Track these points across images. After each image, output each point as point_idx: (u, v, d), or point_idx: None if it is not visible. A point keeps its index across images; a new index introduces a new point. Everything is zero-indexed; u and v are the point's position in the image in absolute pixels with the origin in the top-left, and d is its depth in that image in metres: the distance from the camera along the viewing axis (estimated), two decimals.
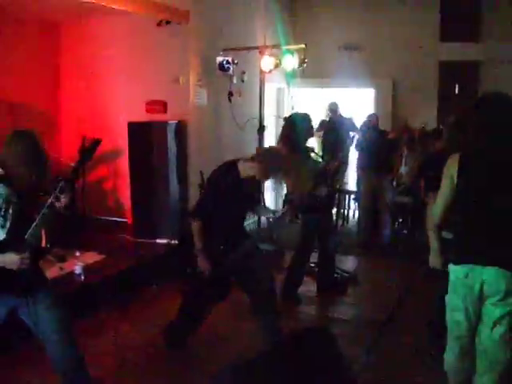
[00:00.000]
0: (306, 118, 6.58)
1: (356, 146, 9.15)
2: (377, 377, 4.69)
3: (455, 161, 3.62)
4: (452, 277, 3.66)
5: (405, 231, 9.31)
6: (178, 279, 5.93)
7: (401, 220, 9.37)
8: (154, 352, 5.18)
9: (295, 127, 6.42)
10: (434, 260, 4.28)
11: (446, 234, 4.14)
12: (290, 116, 7.00)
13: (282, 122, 9.94)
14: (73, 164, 6.53)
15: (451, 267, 3.67)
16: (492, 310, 3.47)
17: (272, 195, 10.64)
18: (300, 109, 9.70)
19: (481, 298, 3.51)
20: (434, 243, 4.25)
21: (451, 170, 3.64)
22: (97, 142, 3.84)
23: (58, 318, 3.78)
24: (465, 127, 4.41)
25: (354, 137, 8.95)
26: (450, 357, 3.79)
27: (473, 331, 3.62)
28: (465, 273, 3.52)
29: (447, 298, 3.76)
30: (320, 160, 6.72)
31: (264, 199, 8.60)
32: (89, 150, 3.72)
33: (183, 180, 7.95)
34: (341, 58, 11.13)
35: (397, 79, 11.00)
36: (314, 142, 10.80)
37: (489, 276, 3.43)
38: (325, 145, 10.58)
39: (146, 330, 5.64)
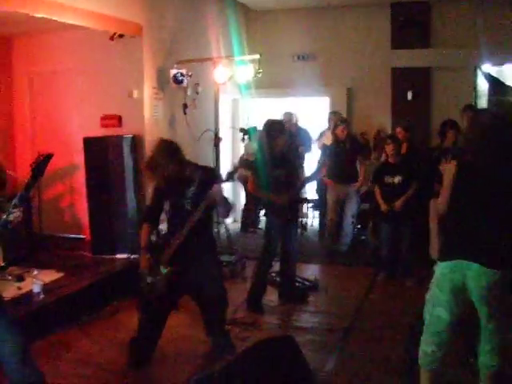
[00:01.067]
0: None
1: (320, 157, 9.17)
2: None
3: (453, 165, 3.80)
4: (437, 272, 3.78)
5: (363, 237, 9.38)
6: (135, 295, 5.88)
7: (359, 226, 9.43)
8: (116, 369, 5.10)
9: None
10: (433, 251, 4.38)
11: None
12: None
13: (237, 134, 10.04)
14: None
15: (438, 264, 3.77)
16: (480, 308, 3.64)
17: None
18: (255, 120, 9.76)
19: (464, 293, 3.63)
20: (434, 235, 4.34)
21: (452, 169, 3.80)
22: (48, 157, 3.78)
23: (15, 339, 3.72)
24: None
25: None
26: (426, 349, 3.85)
27: (453, 325, 3.74)
28: (450, 268, 3.62)
29: (430, 293, 3.84)
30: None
31: None
32: (40, 164, 3.67)
33: (140, 194, 7.89)
34: (295, 67, 11.21)
35: (351, 87, 11.11)
36: None
37: (473, 272, 3.53)
38: None
39: (107, 348, 5.55)
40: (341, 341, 5.47)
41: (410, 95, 10.57)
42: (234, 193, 10.84)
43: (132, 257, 7.47)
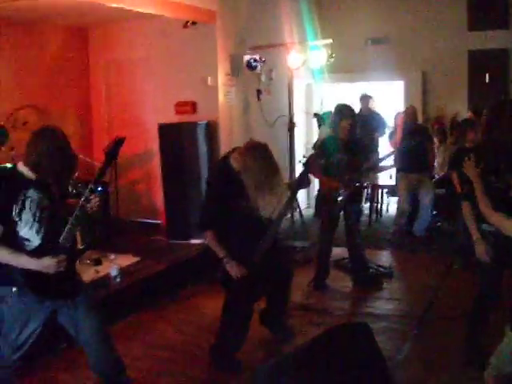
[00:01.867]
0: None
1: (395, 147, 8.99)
2: (413, 372, 4.65)
3: None
4: None
5: (439, 223, 9.20)
6: (211, 280, 5.94)
7: (435, 212, 9.26)
8: (194, 351, 5.18)
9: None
10: (479, 250, 4.26)
11: (487, 227, 4.11)
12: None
13: (311, 119, 9.99)
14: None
15: None
16: None
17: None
18: (329, 105, 9.68)
19: None
20: (476, 234, 4.23)
21: None
22: (120, 141, 3.81)
23: (96, 321, 3.82)
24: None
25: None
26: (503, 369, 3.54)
27: None
28: None
29: None
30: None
31: None
32: (112, 149, 3.71)
33: None
34: (368, 51, 11.04)
35: (426, 70, 10.88)
36: None
37: None
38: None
39: (182, 331, 5.66)
40: (415, 329, 5.39)
41: (487, 78, 10.27)
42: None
43: (206, 242, 7.55)
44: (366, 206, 10.36)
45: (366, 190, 9.81)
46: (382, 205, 10.60)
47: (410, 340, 5.10)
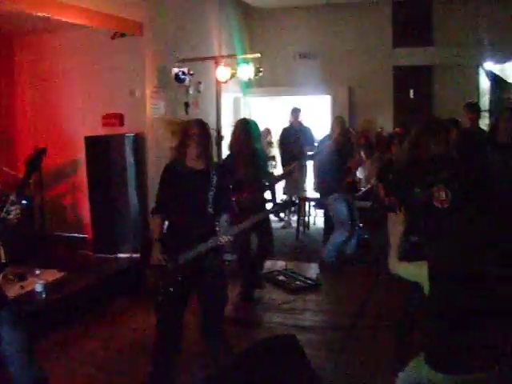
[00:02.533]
0: (254, 123, 6.83)
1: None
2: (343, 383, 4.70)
3: None
4: None
5: (366, 236, 9.34)
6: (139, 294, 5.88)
7: (361, 225, 9.41)
8: (121, 368, 5.09)
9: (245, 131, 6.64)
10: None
11: (414, 238, 4.21)
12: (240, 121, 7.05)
13: None
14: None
15: None
16: None
17: None
18: (257, 118, 9.74)
19: None
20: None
21: None
22: (41, 151, 3.74)
23: (20, 338, 3.71)
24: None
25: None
26: None
27: None
28: None
29: None
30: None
31: None
32: (33, 159, 3.64)
33: (143, 192, 7.89)
34: (297, 66, 11.19)
35: (352, 85, 11.10)
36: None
37: None
38: (283, 152, 10.70)
39: (111, 347, 5.56)
40: (343, 340, 5.46)
41: (411, 94, 10.56)
42: None
43: (134, 255, 7.47)
44: (294, 218, 10.46)
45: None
46: (309, 217, 10.72)
47: (339, 351, 5.15)
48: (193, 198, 4.71)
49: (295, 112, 10.67)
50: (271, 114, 12.61)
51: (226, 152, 9.14)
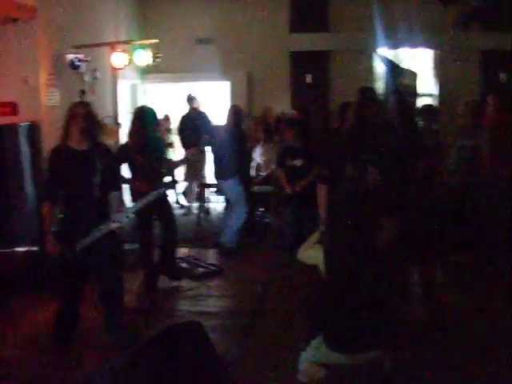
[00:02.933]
0: (151, 111, 6.70)
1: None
2: (250, 367, 4.74)
3: None
4: None
5: (267, 220, 9.45)
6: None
7: (263, 209, 9.51)
8: (22, 365, 4.95)
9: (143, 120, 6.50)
10: None
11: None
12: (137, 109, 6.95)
13: None
14: None
15: None
16: None
17: None
18: (156, 105, 9.64)
19: None
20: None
21: None
22: None
23: None
24: None
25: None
26: None
27: None
28: None
29: None
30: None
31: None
32: None
33: (40, 183, 7.66)
34: (195, 51, 11.13)
35: (251, 71, 11.15)
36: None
37: None
38: (183, 139, 10.65)
39: (11, 343, 5.38)
40: (248, 324, 5.52)
41: (308, 79, 10.71)
42: None
43: (32, 249, 7.25)
44: (195, 205, 10.45)
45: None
46: (208, 203, 10.73)
47: (244, 335, 5.21)
48: (77, 180, 4.70)
49: (190, 100, 10.63)
50: (171, 101, 12.51)
51: (123, 140, 9.06)
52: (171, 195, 10.22)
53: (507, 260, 6.90)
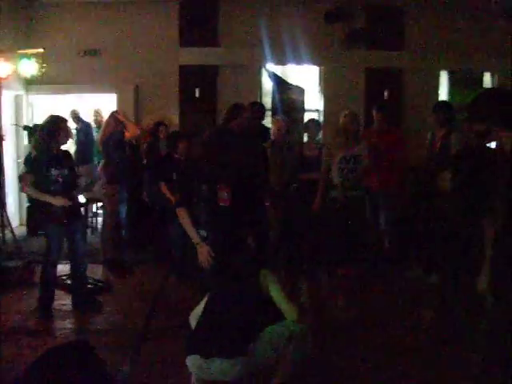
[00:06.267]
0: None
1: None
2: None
3: None
4: None
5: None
6: None
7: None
8: None
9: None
10: (202, 253, 4.58)
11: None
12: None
13: (21, 131, 9.61)
14: None
15: None
16: None
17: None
18: (41, 117, 9.37)
19: None
20: (196, 238, 4.50)
21: None
22: None
23: None
24: None
25: None
26: None
27: None
28: None
29: None
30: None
31: None
32: None
33: None
34: (82, 63, 10.88)
35: (139, 84, 11.03)
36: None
37: None
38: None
39: None
40: (137, 341, 5.44)
41: (197, 93, 10.74)
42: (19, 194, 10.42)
43: None
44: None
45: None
46: (96, 219, 10.53)
47: (134, 352, 5.13)
48: None
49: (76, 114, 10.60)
50: (57, 113, 12.21)
51: (6, 152, 8.75)
52: None
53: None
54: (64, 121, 6.44)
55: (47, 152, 6.22)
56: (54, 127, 6.25)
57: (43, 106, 11.37)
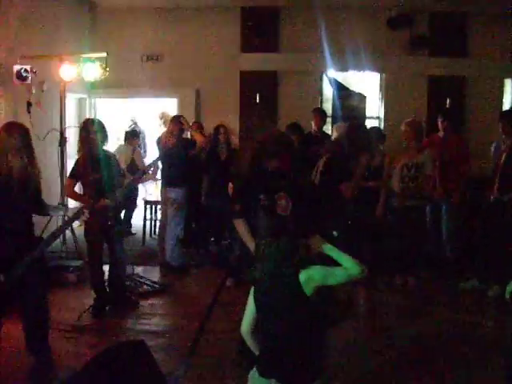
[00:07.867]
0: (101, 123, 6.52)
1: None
2: None
3: None
4: None
5: (213, 239, 9.41)
6: None
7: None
8: None
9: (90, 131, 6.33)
10: None
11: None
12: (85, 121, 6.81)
13: None
14: None
15: None
16: None
17: None
18: (104, 120, 9.51)
19: None
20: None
21: None
22: None
23: None
24: None
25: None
26: None
27: None
28: None
29: None
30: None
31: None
32: None
33: None
34: (144, 67, 11.05)
35: (200, 88, 11.12)
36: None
37: None
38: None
39: None
40: (192, 343, 5.44)
41: (257, 98, 10.76)
42: None
43: None
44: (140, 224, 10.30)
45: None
46: (155, 221, 10.59)
47: (188, 354, 5.13)
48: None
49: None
50: (118, 117, 12.41)
51: (70, 154, 8.90)
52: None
53: None
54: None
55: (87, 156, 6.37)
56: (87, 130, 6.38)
57: (106, 110, 11.56)
